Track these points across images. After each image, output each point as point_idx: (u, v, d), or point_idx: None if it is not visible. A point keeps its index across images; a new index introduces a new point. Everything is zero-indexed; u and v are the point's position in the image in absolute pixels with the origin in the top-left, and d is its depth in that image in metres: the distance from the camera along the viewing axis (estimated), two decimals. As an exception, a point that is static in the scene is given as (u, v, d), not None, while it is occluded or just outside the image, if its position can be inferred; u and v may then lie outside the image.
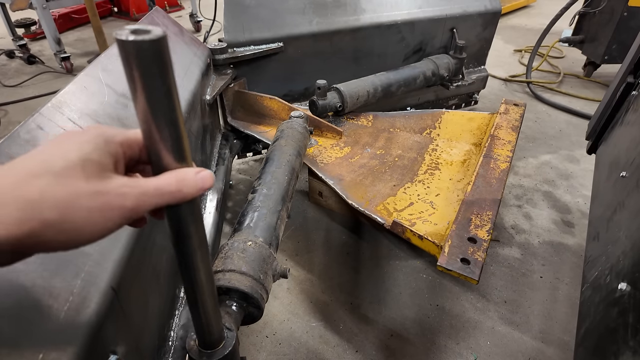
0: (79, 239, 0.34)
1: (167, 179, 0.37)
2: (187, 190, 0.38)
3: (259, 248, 0.85)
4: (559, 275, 1.41)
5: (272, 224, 0.95)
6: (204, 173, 0.39)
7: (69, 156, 0.34)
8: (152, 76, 0.32)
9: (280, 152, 1.21)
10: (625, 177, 1.05)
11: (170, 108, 0.34)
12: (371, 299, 1.31)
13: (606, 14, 2.74)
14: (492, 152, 1.33)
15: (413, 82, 1.90)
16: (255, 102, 1.66)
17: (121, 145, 0.39)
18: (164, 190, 0.37)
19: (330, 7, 1.85)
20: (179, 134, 0.36)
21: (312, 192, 1.69)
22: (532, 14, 4.74)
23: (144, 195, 0.36)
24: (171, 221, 0.42)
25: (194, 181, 0.38)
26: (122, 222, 0.36)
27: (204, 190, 0.39)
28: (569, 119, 2.45)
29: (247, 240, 0.86)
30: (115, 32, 0.31)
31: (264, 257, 0.84)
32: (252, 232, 0.90)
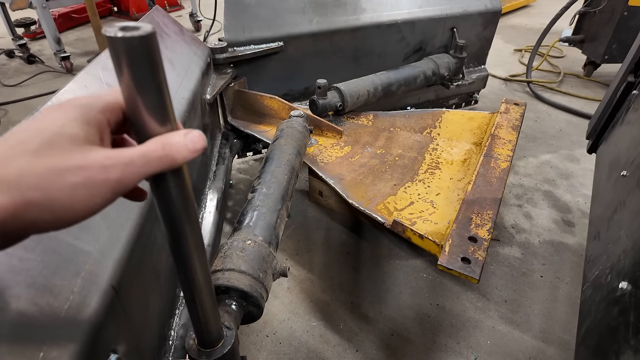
0: (68, 217, 0.33)
1: (153, 144, 0.35)
2: (176, 154, 0.35)
3: (258, 247, 0.85)
4: (559, 274, 1.40)
5: (271, 223, 0.95)
6: (193, 133, 0.37)
7: (45, 133, 0.32)
8: (140, 65, 0.32)
9: (280, 151, 1.20)
10: (626, 176, 1.05)
11: (153, 77, 0.34)
12: (371, 298, 1.31)
13: (606, 14, 2.73)
14: (492, 151, 1.33)
15: (413, 81, 1.89)
16: (256, 101, 1.66)
17: (103, 112, 0.37)
18: (151, 157, 0.35)
19: (330, 7, 1.85)
20: (162, 96, 0.35)
21: (313, 191, 1.69)
22: (532, 14, 4.74)
23: (130, 165, 0.34)
24: (160, 200, 0.41)
25: (183, 144, 0.36)
26: (111, 196, 0.34)
27: (196, 153, 0.37)
28: (569, 119, 2.44)
29: (247, 239, 0.86)
30: (104, 29, 0.31)
31: (264, 255, 0.84)
32: (251, 231, 0.90)
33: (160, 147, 0.35)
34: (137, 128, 0.37)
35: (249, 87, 1.75)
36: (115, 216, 0.65)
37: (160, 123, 0.36)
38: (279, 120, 1.61)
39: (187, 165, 0.40)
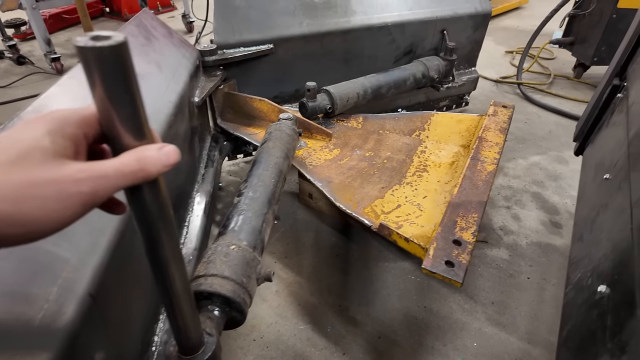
0: (39, 230, 0.33)
1: (127, 158, 0.36)
2: (150, 168, 0.36)
3: (242, 252, 0.85)
4: (546, 276, 1.42)
5: (257, 227, 0.95)
6: (168, 148, 0.38)
7: (19, 145, 0.33)
8: (112, 76, 0.32)
9: (267, 154, 1.21)
10: (609, 179, 1.06)
11: (126, 88, 0.34)
12: (360, 301, 1.32)
13: (595, 16, 2.76)
14: (479, 154, 1.34)
15: (403, 84, 1.90)
16: (245, 103, 1.66)
17: (79, 126, 0.37)
18: (124, 171, 0.35)
19: (320, 9, 1.85)
20: (136, 109, 0.35)
21: (302, 193, 1.69)
22: (523, 16, 4.77)
23: (102, 179, 0.34)
24: (136, 211, 0.41)
25: (157, 157, 0.36)
26: (83, 209, 0.34)
27: (169, 167, 0.38)
28: (559, 120, 2.47)
29: (231, 244, 0.86)
30: (74, 38, 0.31)
31: (248, 260, 0.84)
32: (236, 235, 0.90)
33: (134, 161, 0.36)
34: (112, 141, 0.37)
35: (239, 89, 1.75)
36: (96, 222, 0.65)
37: (134, 136, 0.36)
38: (269, 123, 1.61)
39: (165, 175, 0.40)
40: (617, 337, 0.63)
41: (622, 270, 0.72)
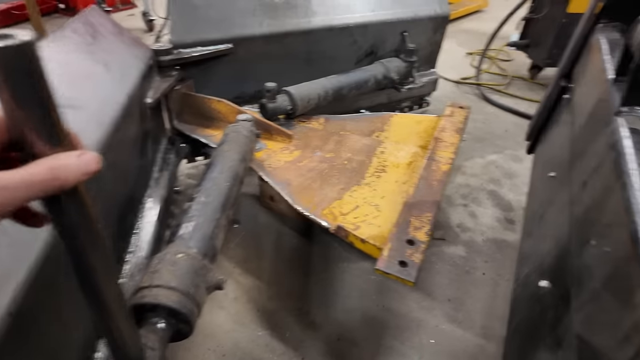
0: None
1: (37, 167, 0.33)
2: (66, 177, 0.33)
3: (191, 260, 0.82)
4: (500, 271, 1.46)
5: (208, 233, 0.92)
6: (87, 156, 0.35)
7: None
8: (18, 77, 0.30)
9: (222, 157, 1.18)
10: (554, 177, 1.10)
11: (35, 91, 0.31)
12: (319, 303, 1.31)
13: (548, 20, 2.89)
14: (435, 154, 1.36)
15: (364, 85, 1.91)
16: (203, 104, 1.62)
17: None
18: (33, 180, 0.32)
19: (281, 9, 1.83)
20: (47, 113, 0.33)
21: (264, 196, 1.66)
22: (484, 19, 4.93)
23: (5, 190, 0.31)
24: (57, 223, 0.38)
25: (74, 165, 0.34)
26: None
27: (89, 175, 0.35)
28: (515, 120, 2.56)
29: (179, 252, 0.83)
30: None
31: (196, 269, 0.81)
32: (185, 243, 0.87)
33: (46, 170, 0.33)
34: (22, 148, 0.34)
35: (198, 90, 1.70)
36: (18, 233, 0.60)
37: (47, 142, 0.34)
38: (228, 124, 1.58)
39: (108, 180, 0.38)
40: (554, 332, 0.65)
41: (561, 266, 0.75)
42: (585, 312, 0.53)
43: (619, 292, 0.45)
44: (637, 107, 0.74)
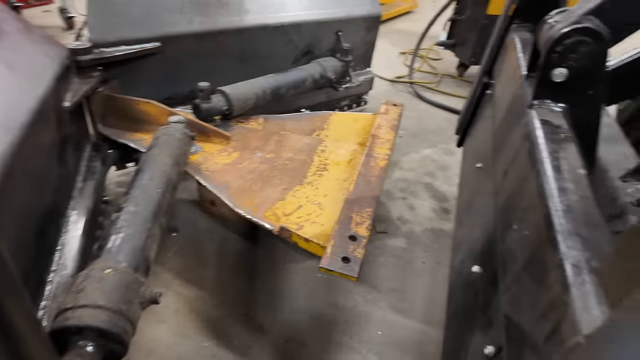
0: None
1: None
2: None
3: (120, 275, 0.76)
4: (439, 259, 1.54)
5: (139, 245, 0.86)
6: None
7: None
8: None
9: (153, 162, 1.11)
10: (481, 168, 1.18)
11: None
12: (267, 307, 1.28)
13: (471, 21, 3.10)
14: (373, 151, 1.40)
15: (302, 84, 1.91)
16: (130, 107, 1.51)
17: None
18: None
19: (212, 7, 1.77)
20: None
21: (203, 200, 1.60)
22: (415, 19, 5.18)
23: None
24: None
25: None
26: None
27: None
28: (447, 116, 2.71)
29: (106, 268, 0.76)
30: None
31: (127, 284, 0.76)
32: (113, 257, 0.80)
33: None
34: None
35: (125, 91, 1.58)
36: None
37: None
38: (159, 127, 1.49)
39: (20, 193, 0.32)
40: (486, 313, 0.69)
41: (489, 251, 0.80)
42: (510, 293, 0.57)
43: (537, 272, 0.49)
44: (547, 100, 0.81)
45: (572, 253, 0.43)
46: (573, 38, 0.73)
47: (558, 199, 0.54)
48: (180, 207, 1.64)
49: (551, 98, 0.81)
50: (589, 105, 0.79)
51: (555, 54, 0.75)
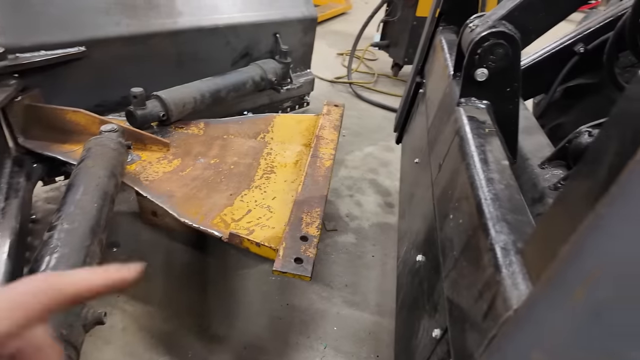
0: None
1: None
2: None
3: (58, 299, 0.70)
4: (386, 251, 1.61)
5: (77, 264, 0.80)
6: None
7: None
8: None
9: (86, 175, 1.04)
10: (418, 162, 1.26)
11: None
12: (221, 315, 1.26)
13: (402, 23, 3.25)
14: (318, 151, 1.42)
15: (242, 86, 1.89)
16: (55, 117, 1.40)
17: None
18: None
19: (141, 9, 1.69)
20: None
21: (144, 212, 1.52)
22: (350, 20, 5.32)
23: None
24: None
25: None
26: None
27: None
28: (385, 114, 2.83)
29: (41, 292, 0.70)
30: None
31: (66, 307, 0.70)
32: (48, 280, 0.74)
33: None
34: None
35: (48, 100, 1.46)
36: None
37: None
38: (90, 137, 1.39)
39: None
40: (431, 299, 0.74)
41: (430, 240, 0.86)
42: (451, 277, 0.62)
43: (472, 257, 0.54)
44: (472, 98, 0.89)
45: (501, 237, 0.48)
46: (490, 41, 0.80)
47: (486, 189, 0.60)
48: (120, 221, 1.55)
49: (476, 96, 0.88)
50: (508, 101, 0.88)
51: (476, 56, 0.82)
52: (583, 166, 0.35)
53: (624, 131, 0.31)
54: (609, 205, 0.25)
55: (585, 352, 0.24)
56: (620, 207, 0.24)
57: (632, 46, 0.99)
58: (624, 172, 0.24)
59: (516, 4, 0.82)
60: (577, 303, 0.25)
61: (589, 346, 0.24)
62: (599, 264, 0.24)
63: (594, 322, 0.24)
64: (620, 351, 0.22)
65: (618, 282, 0.23)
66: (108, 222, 0.98)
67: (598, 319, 0.24)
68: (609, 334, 0.23)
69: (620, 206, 0.24)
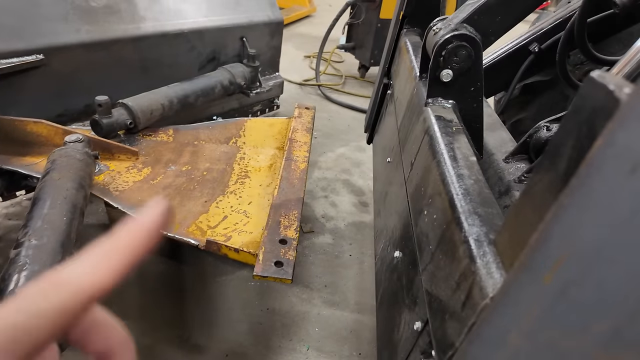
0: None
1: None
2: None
3: (30, 319, 0.68)
4: (363, 249, 1.64)
5: (49, 282, 0.77)
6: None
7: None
8: None
9: (53, 188, 1.00)
10: (390, 162, 1.29)
11: None
12: (202, 324, 1.24)
13: (367, 25, 3.32)
14: (292, 154, 1.43)
15: (211, 91, 1.87)
16: (14, 128, 1.33)
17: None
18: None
19: (101, 14, 1.63)
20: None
21: (115, 223, 1.47)
22: (314, 23, 5.36)
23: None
24: None
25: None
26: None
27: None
28: (354, 115, 2.87)
29: (11, 314, 0.67)
30: None
31: (40, 327, 0.68)
32: (18, 300, 0.71)
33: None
34: None
35: (4, 111, 1.39)
36: None
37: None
38: (53, 148, 1.34)
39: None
40: (410, 293, 0.77)
41: (406, 236, 0.89)
42: (428, 271, 0.64)
43: (448, 249, 0.57)
44: (439, 98, 0.93)
45: (474, 229, 0.51)
46: (454, 43, 0.84)
47: (457, 184, 0.63)
48: (89, 234, 1.49)
49: (442, 96, 0.92)
50: (473, 99, 0.92)
51: (441, 58, 0.86)
52: (545, 160, 0.38)
53: (580, 127, 0.34)
54: (570, 195, 0.27)
55: (557, 329, 0.26)
56: (580, 197, 0.27)
57: (581, 45, 1.06)
58: (582, 164, 0.27)
59: (475, 8, 0.87)
60: (547, 286, 0.28)
61: (559, 323, 0.26)
62: (564, 249, 0.27)
63: (562, 301, 0.27)
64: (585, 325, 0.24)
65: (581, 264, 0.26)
66: (79, 236, 0.95)
67: (565, 299, 0.26)
68: (575, 311, 0.25)
69: (580, 196, 0.27)
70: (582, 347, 0.24)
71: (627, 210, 0.22)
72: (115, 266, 0.24)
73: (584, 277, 0.25)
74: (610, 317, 0.23)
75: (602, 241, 0.24)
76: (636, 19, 1.12)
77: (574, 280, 0.26)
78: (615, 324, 0.22)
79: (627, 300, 0.22)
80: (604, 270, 0.24)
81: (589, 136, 0.33)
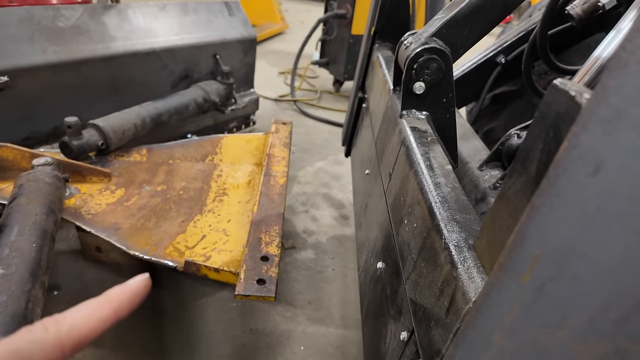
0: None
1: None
2: None
3: None
4: (346, 263, 1.63)
5: (19, 312, 0.73)
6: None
7: None
8: None
9: (20, 213, 0.95)
10: (369, 174, 1.30)
11: None
12: (182, 350, 1.20)
13: (339, 41, 3.39)
14: (270, 169, 1.42)
15: (185, 109, 1.85)
16: (-23, 154, 1.27)
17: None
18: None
19: (69, 34, 1.61)
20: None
21: (87, 248, 1.42)
22: (287, 40, 5.43)
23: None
24: None
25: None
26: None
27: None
28: (331, 129, 2.90)
29: (-25, 350, 0.63)
30: None
31: (7, 363, 0.64)
32: (-17, 334, 0.67)
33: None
34: None
35: (-35, 135, 1.33)
36: None
37: None
38: (21, 173, 1.28)
39: None
40: (395, 303, 0.77)
41: (388, 246, 0.89)
42: (412, 280, 0.65)
43: (429, 257, 0.57)
44: (413, 110, 0.95)
45: (453, 236, 0.52)
46: (425, 57, 0.87)
47: (435, 193, 0.64)
48: (60, 261, 1.43)
49: (415, 107, 0.94)
50: (445, 110, 0.95)
51: (413, 71, 0.88)
52: (516, 165, 0.40)
53: (547, 131, 0.35)
54: (542, 196, 0.28)
55: (536, 325, 0.27)
56: (550, 197, 0.28)
57: (544, 56, 1.12)
58: (551, 166, 0.28)
59: (444, 22, 0.90)
60: (526, 285, 0.28)
61: (538, 320, 0.27)
62: (539, 248, 0.28)
63: (540, 299, 0.27)
64: (562, 319, 0.25)
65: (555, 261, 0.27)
66: (49, 263, 0.90)
67: (543, 296, 0.27)
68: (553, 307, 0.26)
69: (551, 197, 0.28)
70: (560, 341, 0.25)
71: (593, 207, 0.24)
72: (105, 316, 0.30)
73: (559, 273, 0.26)
74: (584, 310, 0.24)
75: (573, 238, 0.25)
76: (592, 31, 1.19)
77: (550, 277, 0.26)
78: (589, 316, 0.23)
79: (598, 293, 0.23)
80: (576, 265, 0.24)
81: (555, 140, 0.35)
